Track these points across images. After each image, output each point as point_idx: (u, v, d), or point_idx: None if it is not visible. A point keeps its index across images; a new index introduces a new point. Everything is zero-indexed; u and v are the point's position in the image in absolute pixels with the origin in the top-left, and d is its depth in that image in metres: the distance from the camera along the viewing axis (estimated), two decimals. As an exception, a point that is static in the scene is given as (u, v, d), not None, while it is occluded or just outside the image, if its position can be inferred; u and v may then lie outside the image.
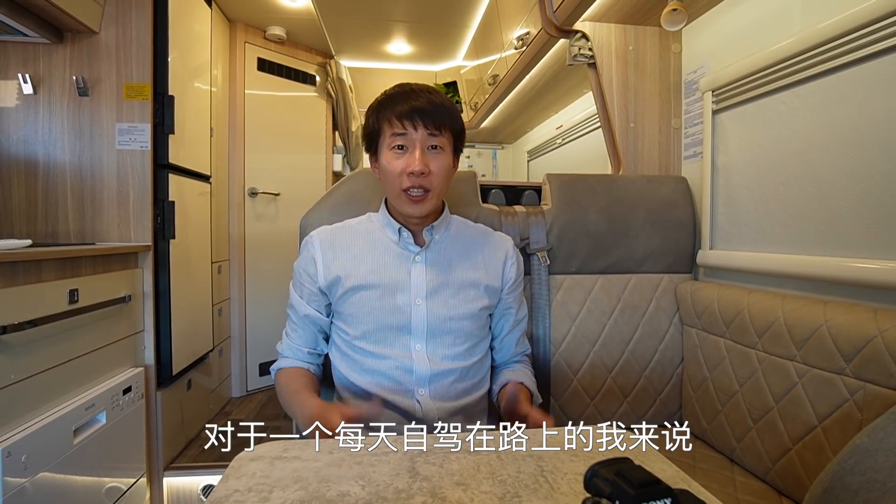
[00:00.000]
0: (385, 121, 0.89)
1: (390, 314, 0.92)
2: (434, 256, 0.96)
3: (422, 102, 0.87)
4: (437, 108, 0.88)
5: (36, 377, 1.14)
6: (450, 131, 0.90)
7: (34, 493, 1.07)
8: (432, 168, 0.88)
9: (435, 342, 0.93)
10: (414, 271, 0.94)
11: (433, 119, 0.87)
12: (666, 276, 1.40)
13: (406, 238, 0.95)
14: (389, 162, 0.89)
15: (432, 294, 0.93)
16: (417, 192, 0.88)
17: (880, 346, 0.83)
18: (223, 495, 0.51)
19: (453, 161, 0.94)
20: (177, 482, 1.72)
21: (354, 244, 0.97)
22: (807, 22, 1.10)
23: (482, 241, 1.02)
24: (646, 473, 0.39)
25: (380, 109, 0.90)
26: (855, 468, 0.62)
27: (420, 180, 0.87)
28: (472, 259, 0.98)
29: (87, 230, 1.62)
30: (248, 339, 2.63)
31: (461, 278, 0.96)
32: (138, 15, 1.61)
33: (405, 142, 0.88)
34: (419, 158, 0.86)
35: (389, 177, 0.89)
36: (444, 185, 0.91)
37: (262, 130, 2.68)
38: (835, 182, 1.04)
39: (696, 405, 1.29)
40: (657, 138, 1.59)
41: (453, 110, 0.91)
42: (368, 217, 1.02)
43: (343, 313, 0.95)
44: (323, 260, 0.95)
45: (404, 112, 0.87)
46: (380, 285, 0.93)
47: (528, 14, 2.08)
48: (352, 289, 0.93)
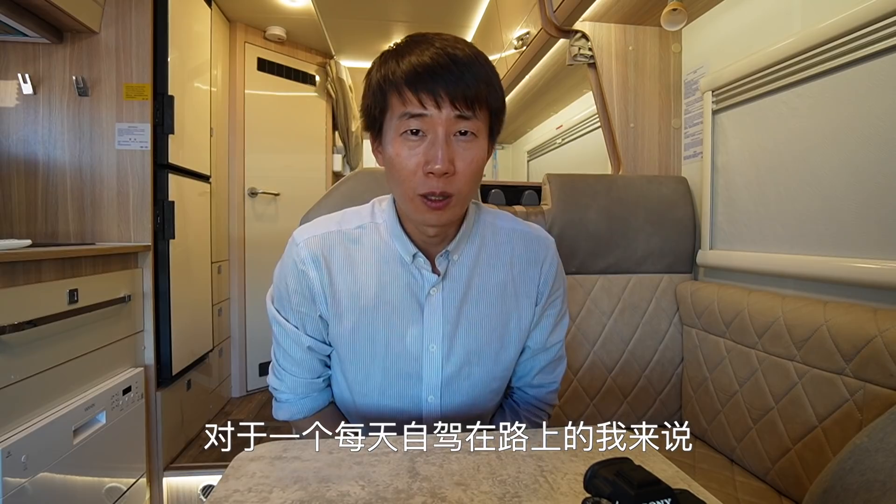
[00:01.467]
0: (393, 91, 0.63)
1: (398, 361, 0.73)
2: (452, 286, 0.73)
3: (444, 60, 0.60)
4: (470, 73, 0.61)
5: (36, 377, 1.14)
6: (487, 109, 0.64)
7: (34, 493, 1.07)
8: (459, 166, 0.63)
9: (451, 392, 0.75)
10: (428, 308, 0.72)
11: (464, 91, 0.60)
12: (666, 276, 1.40)
13: (421, 263, 0.71)
14: (399, 154, 0.63)
15: (450, 336, 0.73)
16: (437, 199, 0.63)
17: (880, 346, 0.83)
18: (223, 495, 0.51)
19: (488, 150, 0.68)
20: (177, 482, 1.72)
21: (355, 262, 0.73)
22: (807, 22, 1.10)
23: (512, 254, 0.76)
24: (646, 473, 0.39)
25: (385, 73, 0.63)
26: (855, 468, 0.62)
27: (443, 183, 0.62)
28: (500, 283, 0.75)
29: (86, 230, 1.61)
30: (247, 339, 2.63)
31: (485, 313, 0.74)
32: (138, 15, 1.61)
33: (422, 125, 0.62)
34: (443, 153, 0.61)
35: (400, 174, 0.64)
36: (473, 187, 0.67)
37: (262, 130, 2.68)
38: (835, 182, 1.04)
39: (696, 405, 1.29)
40: (657, 138, 1.59)
41: (492, 74, 0.65)
42: (373, 214, 0.75)
43: (339, 350, 0.75)
44: (319, 282, 0.72)
45: (421, 77, 0.60)
46: (386, 322, 0.72)
47: (527, 14, 2.08)
48: (351, 324, 0.72)
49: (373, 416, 0.74)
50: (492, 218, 0.78)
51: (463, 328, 0.73)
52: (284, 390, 0.78)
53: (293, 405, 0.78)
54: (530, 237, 0.78)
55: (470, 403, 0.76)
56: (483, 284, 0.74)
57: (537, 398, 0.85)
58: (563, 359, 0.85)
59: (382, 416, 0.74)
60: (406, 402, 0.75)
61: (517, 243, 0.77)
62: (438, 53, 0.61)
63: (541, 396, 0.85)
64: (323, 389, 0.81)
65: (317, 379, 0.79)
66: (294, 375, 0.77)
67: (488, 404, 0.80)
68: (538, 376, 0.83)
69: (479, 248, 0.75)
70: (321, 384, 0.80)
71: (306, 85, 2.94)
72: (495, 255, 0.75)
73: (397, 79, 0.62)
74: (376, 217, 0.75)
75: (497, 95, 0.65)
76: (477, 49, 0.65)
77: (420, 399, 0.75)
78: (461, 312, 0.73)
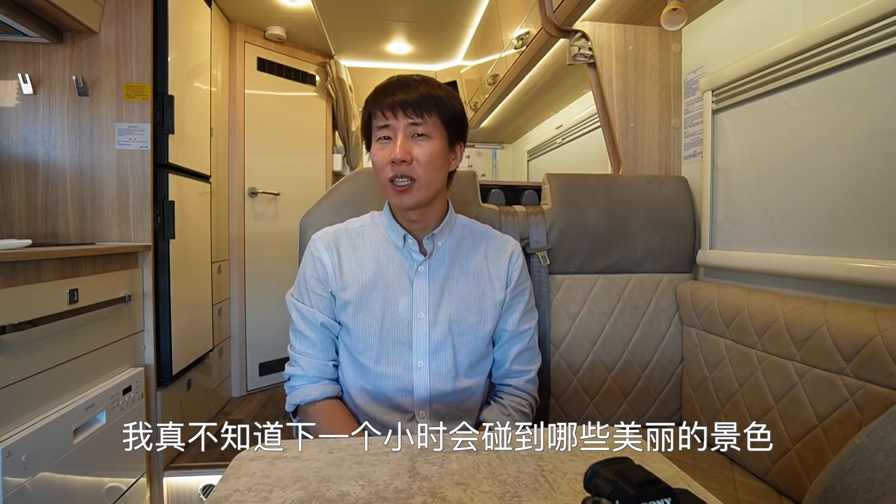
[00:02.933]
0: (374, 111, 0.87)
1: (392, 327, 0.89)
2: (437, 265, 0.92)
3: (405, 90, 0.84)
4: (421, 95, 0.84)
5: (36, 377, 1.14)
6: (437, 117, 0.85)
7: (34, 492, 1.07)
8: (415, 154, 0.83)
9: (438, 358, 0.89)
10: (417, 282, 0.90)
11: (414, 106, 0.83)
12: (666, 275, 1.40)
13: (410, 245, 0.91)
14: (376, 153, 0.87)
15: (435, 306, 0.90)
16: (402, 182, 0.84)
17: (880, 345, 0.83)
18: (223, 495, 0.51)
19: (449, 149, 0.89)
20: (177, 482, 1.73)
21: (358, 249, 0.93)
22: (807, 22, 1.10)
23: (486, 246, 0.97)
24: (646, 473, 0.39)
25: (369, 104, 0.88)
26: (855, 468, 0.62)
27: (403, 168, 0.83)
28: (476, 268, 0.94)
29: (87, 230, 1.62)
30: (248, 339, 2.63)
31: (464, 290, 0.92)
32: (138, 15, 1.61)
33: (389, 132, 0.85)
34: (400, 145, 0.83)
35: (377, 168, 0.87)
36: (431, 174, 0.85)
37: (262, 130, 2.68)
38: (835, 181, 1.04)
39: (696, 405, 1.29)
40: (657, 138, 1.59)
41: (440, 93, 0.86)
42: (371, 217, 0.98)
43: (345, 323, 0.91)
44: (331, 263, 0.91)
45: (387, 102, 0.84)
46: (383, 295, 0.89)
47: (527, 14, 2.08)
48: (355, 297, 0.89)
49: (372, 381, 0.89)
50: (469, 223, 1.00)
51: (446, 300, 0.91)
52: (299, 373, 0.91)
53: (305, 389, 0.90)
54: (499, 237, 1.01)
55: (454, 374, 0.90)
56: (462, 267, 0.94)
57: (517, 388, 0.98)
58: (536, 353, 1.02)
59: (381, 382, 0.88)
60: (399, 367, 0.89)
61: (489, 240, 0.99)
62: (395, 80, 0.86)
63: (520, 386, 0.98)
64: (333, 379, 0.93)
65: (329, 362, 0.92)
66: (309, 357, 0.91)
67: (471, 381, 0.93)
68: (514, 364, 0.98)
69: (458, 240, 0.96)
70: (332, 370, 0.93)
71: (306, 85, 2.94)
72: (472, 247, 0.96)
73: (373, 102, 0.87)
74: (374, 219, 0.97)
75: (447, 107, 0.86)
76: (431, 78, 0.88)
77: (411, 365, 0.89)
78: (444, 287, 0.91)
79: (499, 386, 1.00)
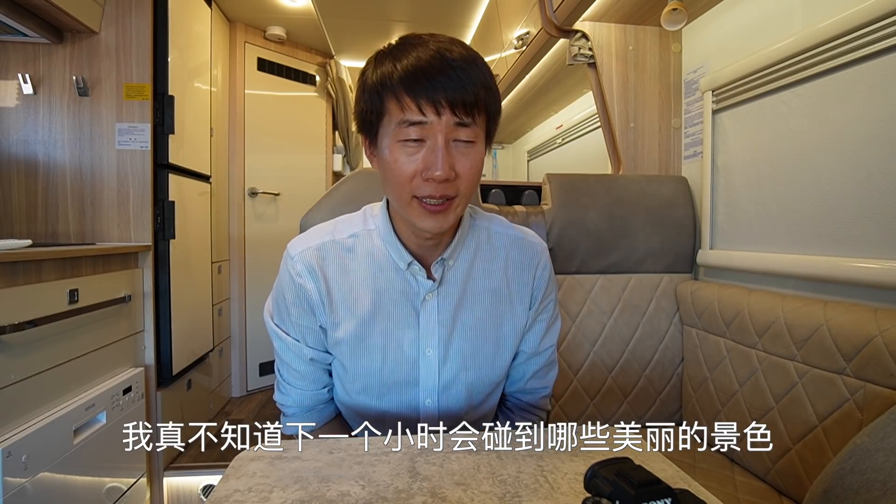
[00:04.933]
0: (391, 96, 0.61)
1: (396, 367, 0.73)
2: (448, 290, 0.73)
3: (452, 76, 0.58)
4: (468, 78, 0.59)
5: (36, 377, 1.14)
6: (485, 114, 0.63)
7: (34, 493, 1.07)
8: (460, 170, 0.62)
9: (448, 396, 0.75)
10: (424, 313, 0.72)
11: (464, 97, 0.59)
12: (666, 275, 1.40)
13: (416, 270, 0.71)
14: (398, 160, 0.62)
15: (446, 341, 0.73)
16: (437, 202, 0.62)
17: (880, 345, 0.83)
18: (223, 495, 0.51)
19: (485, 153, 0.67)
20: (177, 482, 1.72)
21: (350, 272, 0.72)
22: (807, 22, 1.10)
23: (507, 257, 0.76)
24: (646, 473, 0.39)
25: (381, 76, 0.62)
26: (855, 468, 0.62)
27: (444, 187, 0.62)
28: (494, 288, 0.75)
29: (87, 230, 1.61)
30: (248, 339, 2.63)
31: (480, 317, 0.74)
32: (138, 15, 1.61)
33: (421, 133, 0.60)
34: (443, 159, 0.60)
35: (397, 178, 0.63)
36: (472, 189, 0.66)
37: (262, 130, 2.68)
38: (835, 181, 1.04)
39: (696, 405, 1.29)
40: (657, 138, 1.59)
41: (490, 77, 0.63)
42: (365, 220, 0.75)
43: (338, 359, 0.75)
44: (317, 292, 0.71)
45: (420, 82, 0.58)
46: (383, 329, 0.72)
47: (527, 14, 2.08)
48: (350, 335, 0.72)
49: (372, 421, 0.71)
50: (486, 223, 0.78)
51: (458, 332, 0.73)
52: (291, 405, 0.78)
53: (300, 418, 0.77)
54: (524, 242, 0.78)
55: (466, 408, 0.76)
56: (478, 289, 0.74)
57: (530, 403, 0.85)
58: (554, 364, 0.85)
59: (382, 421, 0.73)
60: (404, 407, 0.75)
61: (511, 248, 0.77)
62: (436, 57, 0.59)
63: (534, 402, 0.85)
64: (328, 402, 0.81)
65: (322, 390, 0.78)
66: (300, 389, 0.77)
67: (484, 410, 0.80)
68: (531, 381, 0.83)
69: (474, 253, 0.75)
70: (326, 395, 0.80)
71: (306, 85, 2.94)
72: (490, 261, 0.75)
73: (395, 83, 0.60)
74: (368, 224, 0.74)
75: (495, 99, 0.64)
76: (473, 51, 0.63)
77: (418, 403, 0.75)
78: (456, 317, 0.73)
79: (511, 398, 0.86)
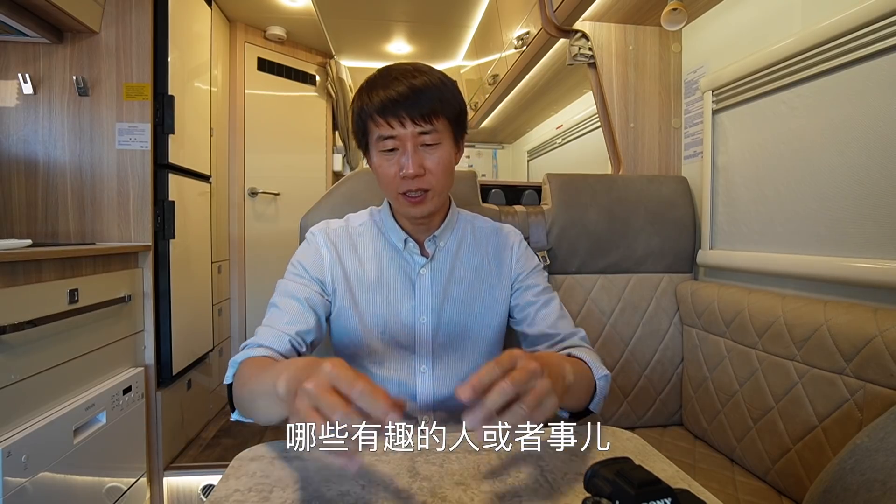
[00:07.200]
0: (369, 119, 0.78)
1: (393, 331, 0.85)
2: (439, 266, 0.88)
3: (408, 93, 0.74)
4: (422, 95, 0.75)
5: (36, 377, 1.14)
6: (444, 118, 0.78)
7: (34, 492, 1.07)
8: (428, 166, 0.78)
9: (441, 362, 0.86)
10: (419, 284, 0.86)
11: (420, 109, 0.75)
12: (666, 275, 1.40)
13: (412, 248, 0.87)
14: (381, 166, 0.80)
15: (438, 310, 0.86)
16: (416, 194, 0.79)
17: (880, 345, 0.83)
18: (223, 495, 0.51)
19: (455, 149, 0.83)
20: (177, 482, 1.72)
21: (359, 251, 0.88)
22: (807, 22, 1.10)
23: (488, 243, 0.92)
24: (646, 473, 0.39)
25: (361, 105, 0.79)
26: (855, 468, 0.62)
27: (417, 182, 0.78)
28: (479, 266, 0.90)
29: (87, 230, 1.61)
30: (247, 339, 2.63)
31: (468, 289, 0.88)
32: (138, 15, 1.61)
33: (395, 143, 0.77)
34: (412, 160, 0.76)
35: (383, 180, 0.81)
36: (445, 180, 0.81)
37: (262, 130, 2.68)
38: (835, 181, 1.04)
39: (696, 405, 1.29)
40: (657, 138, 1.59)
41: (443, 90, 0.77)
42: (370, 214, 0.92)
43: (344, 327, 0.87)
44: (329, 260, 0.86)
45: (387, 107, 0.75)
46: (385, 299, 0.86)
47: (527, 14, 2.08)
48: (356, 300, 0.85)
49: None
50: (471, 218, 0.96)
51: (449, 302, 0.87)
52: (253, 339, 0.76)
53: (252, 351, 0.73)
54: (501, 231, 0.95)
55: (460, 379, 0.85)
56: (465, 267, 0.90)
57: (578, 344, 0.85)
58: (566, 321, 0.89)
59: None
60: (402, 373, 0.86)
61: (491, 236, 0.94)
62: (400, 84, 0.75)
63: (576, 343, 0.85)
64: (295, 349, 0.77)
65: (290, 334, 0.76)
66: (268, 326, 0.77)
67: None
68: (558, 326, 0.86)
69: (460, 239, 0.91)
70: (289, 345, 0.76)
71: (306, 85, 2.94)
72: (474, 245, 0.92)
73: (371, 110, 0.77)
74: (374, 217, 0.92)
75: (452, 105, 0.79)
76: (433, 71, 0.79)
77: (414, 369, 0.86)
78: (447, 289, 0.88)
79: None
